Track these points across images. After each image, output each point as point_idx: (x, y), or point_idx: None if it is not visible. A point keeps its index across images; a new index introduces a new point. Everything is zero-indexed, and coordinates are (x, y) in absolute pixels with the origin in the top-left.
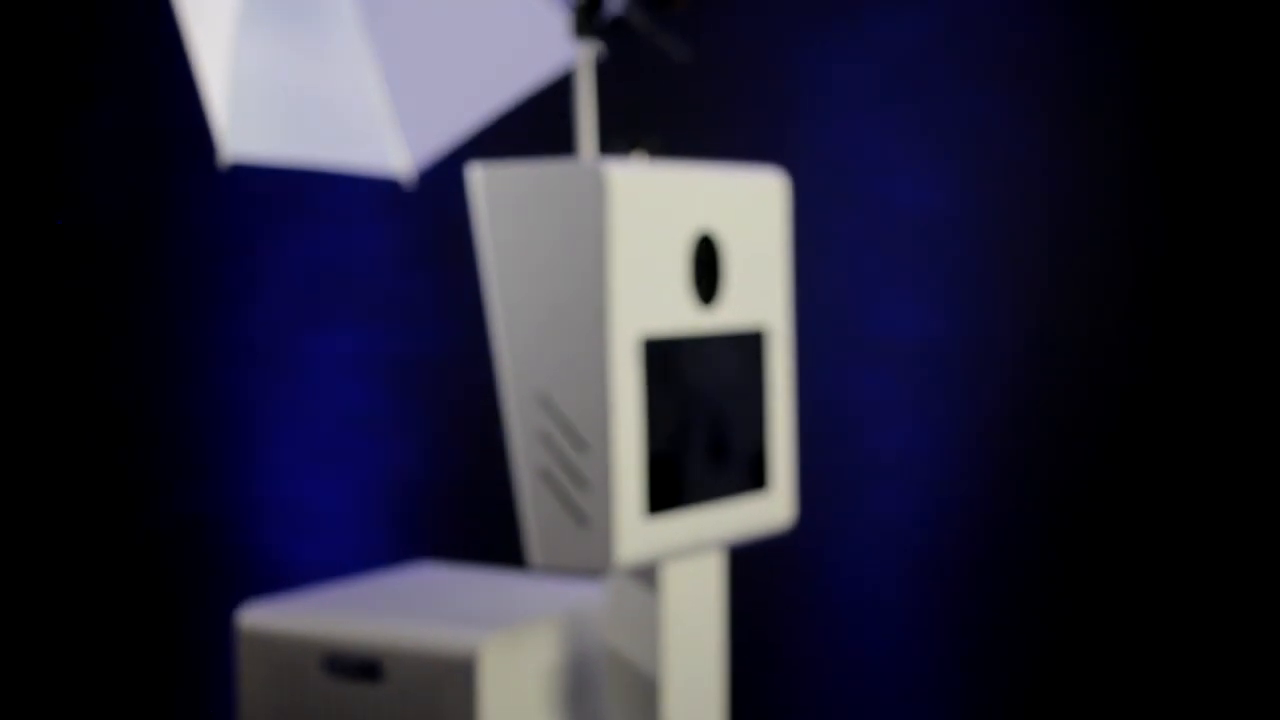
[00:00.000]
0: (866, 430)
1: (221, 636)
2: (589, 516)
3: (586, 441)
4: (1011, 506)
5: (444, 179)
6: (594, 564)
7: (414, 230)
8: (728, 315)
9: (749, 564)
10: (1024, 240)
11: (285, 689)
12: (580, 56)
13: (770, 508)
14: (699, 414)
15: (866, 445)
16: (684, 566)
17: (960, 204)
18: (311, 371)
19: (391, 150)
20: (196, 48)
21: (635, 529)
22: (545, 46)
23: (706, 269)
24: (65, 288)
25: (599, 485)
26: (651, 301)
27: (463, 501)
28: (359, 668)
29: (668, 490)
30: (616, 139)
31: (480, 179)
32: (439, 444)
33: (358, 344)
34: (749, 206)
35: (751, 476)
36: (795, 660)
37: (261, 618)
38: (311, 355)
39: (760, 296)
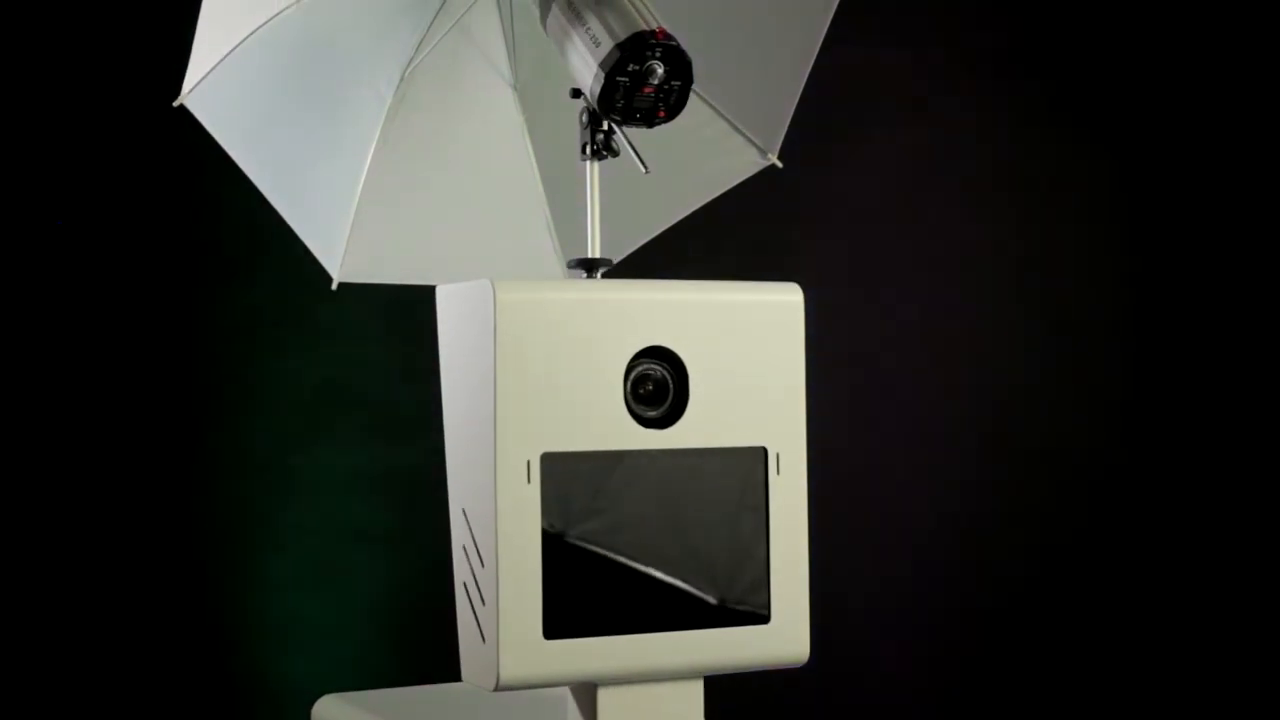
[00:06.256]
0: (864, 544)
1: None
2: (486, 634)
3: (484, 558)
4: (1014, 613)
5: None
6: (486, 683)
7: (414, 343)
8: (700, 433)
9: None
10: (1023, 350)
11: None
12: (589, 176)
13: (773, 640)
14: (647, 537)
15: (865, 559)
16: (632, 693)
17: (959, 313)
18: (312, 485)
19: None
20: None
21: (527, 651)
22: (713, 170)
23: (668, 386)
24: (61, 396)
25: (491, 603)
26: (567, 419)
27: None
28: None
29: (584, 613)
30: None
31: (438, 296)
32: (441, 560)
33: (359, 458)
34: (748, 321)
35: (742, 605)
36: None
37: (328, 709)
38: (312, 469)
39: (755, 413)
